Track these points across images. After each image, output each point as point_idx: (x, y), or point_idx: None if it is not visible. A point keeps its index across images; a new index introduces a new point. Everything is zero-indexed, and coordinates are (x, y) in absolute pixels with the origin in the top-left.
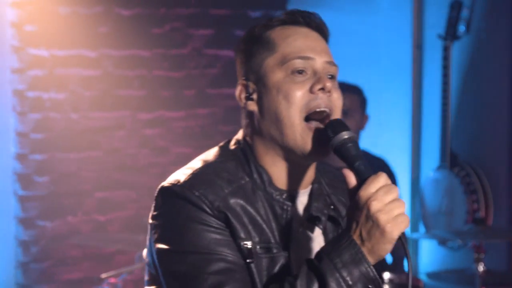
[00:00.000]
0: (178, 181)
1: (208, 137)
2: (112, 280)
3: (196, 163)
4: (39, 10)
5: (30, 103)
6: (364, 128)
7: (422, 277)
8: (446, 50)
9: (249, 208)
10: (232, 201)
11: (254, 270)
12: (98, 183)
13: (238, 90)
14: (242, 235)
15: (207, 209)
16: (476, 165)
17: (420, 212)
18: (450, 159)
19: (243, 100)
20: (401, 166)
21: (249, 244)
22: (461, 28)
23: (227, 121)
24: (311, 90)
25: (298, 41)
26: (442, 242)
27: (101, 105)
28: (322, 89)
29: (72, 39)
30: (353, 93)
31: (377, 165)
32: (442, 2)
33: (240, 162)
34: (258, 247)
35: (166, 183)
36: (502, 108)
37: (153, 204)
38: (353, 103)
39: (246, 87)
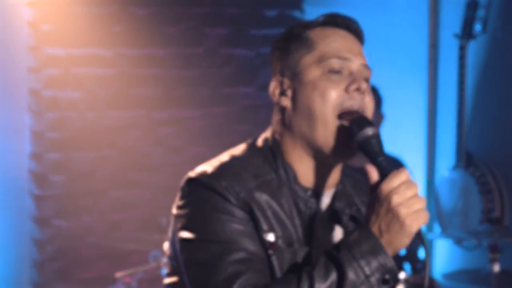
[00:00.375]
0: (205, 172)
1: (223, 136)
2: (127, 279)
3: (223, 157)
4: (55, 10)
5: (46, 102)
6: (379, 127)
7: (438, 277)
8: (462, 49)
9: (273, 203)
10: (257, 194)
11: (275, 262)
12: (113, 182)
13: (273, 86)
14: (265, 227)
15: (233, 200)
16: (492, 164)
17: (435, 212)
18: (466, 159)
19: (277, 96)
20: (416, 166)
21: (271, 237)
22: (477, 27)
23: (242, 120)
24: (346, 90)
25: (337, 42)
26: (457, 242)
27: (117, 104)
28: (357, 89)
29: (88, 38)
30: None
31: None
32: (458, 1)
33: (267, 158)
34: (280, 240)
35: (193, 173)
36: None
37: (179, 195)
38: None
39: (281, 83)
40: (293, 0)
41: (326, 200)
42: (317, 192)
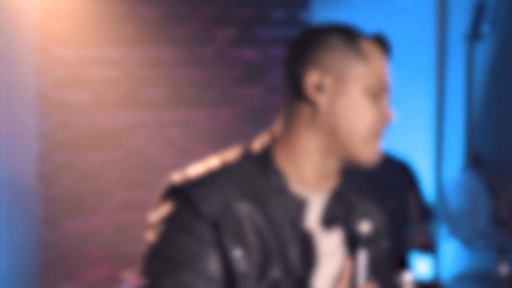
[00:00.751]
0: (186, 178)
1: (231, 138)
2: (134, 279)
3: (213, 162)
4: (63, 11)
5: (54, 104)
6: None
7: (445, 278)
8: (470, 50)
9: (257, 213)
10: (237, 205)
11: (239, 279)
12: (120, 183)
13: (311, 77)
14: (232, 243)
15: (204, 212)
16: (500, 166)
17: (443, 213)
18: (474, 160)
19: (312, 90)
20: (424, 168)
21: (238, 252)
22: (486, 28)
23: (250, 121)
24: (381, 117)
25: (383, 67)
26: (465, 243)
27: (124, 105)
28: (388, 121)
29: (96, 39)
30: None
31: (400, 167)
32: (466, 2)
33: (259, 163)
34: (252, 255)
35: (176, 177)
36: None
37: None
38: None
39: (321, 78)
40: (301, 1)
41: (321, 204)
42: (312, 197)
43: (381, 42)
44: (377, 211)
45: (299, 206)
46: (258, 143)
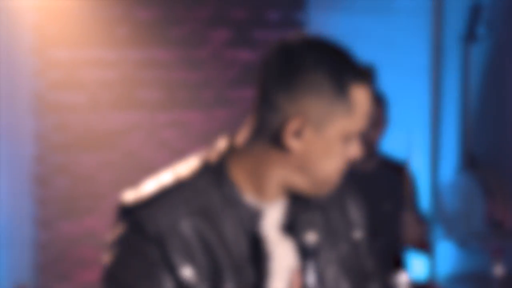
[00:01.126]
0: (137, 198)
1: None
2: None
3: (166, 177)
4: (59, 12)
5: (49, 105)
6: (384, 132)
7: (440, 280)
8: (466, 51)
9: (207, 228)
10: (184, 223)
11: None
12: (116, 185)
13: (294, 124)
14: (179, 262)
15: (151, 235)
16: (495, 167)
17: (438, 214)
18: (469, 161)
19: (290, 136)
20: (420, 168)
21: (187, 271)
22: (481, 30)
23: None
24: (348, 156)
25: (367, 113)
26: (460, 244)
27: (120, 107)
28: (353, 158)
29: (92, 40)
30: (380, 103)
31: (396, 169)
32: (462, 4)
33: (214, 174)
34: (203, 271)
35: (127, 196)
36: None
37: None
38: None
39: (302, 126)
40: (297, 2)
41: (278, 213)
42: (269, 206)
43: (369, 76)
44: (323, 219)
45: (254, 216)
46: (214, 152)
